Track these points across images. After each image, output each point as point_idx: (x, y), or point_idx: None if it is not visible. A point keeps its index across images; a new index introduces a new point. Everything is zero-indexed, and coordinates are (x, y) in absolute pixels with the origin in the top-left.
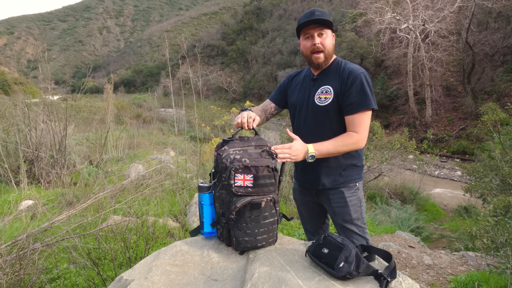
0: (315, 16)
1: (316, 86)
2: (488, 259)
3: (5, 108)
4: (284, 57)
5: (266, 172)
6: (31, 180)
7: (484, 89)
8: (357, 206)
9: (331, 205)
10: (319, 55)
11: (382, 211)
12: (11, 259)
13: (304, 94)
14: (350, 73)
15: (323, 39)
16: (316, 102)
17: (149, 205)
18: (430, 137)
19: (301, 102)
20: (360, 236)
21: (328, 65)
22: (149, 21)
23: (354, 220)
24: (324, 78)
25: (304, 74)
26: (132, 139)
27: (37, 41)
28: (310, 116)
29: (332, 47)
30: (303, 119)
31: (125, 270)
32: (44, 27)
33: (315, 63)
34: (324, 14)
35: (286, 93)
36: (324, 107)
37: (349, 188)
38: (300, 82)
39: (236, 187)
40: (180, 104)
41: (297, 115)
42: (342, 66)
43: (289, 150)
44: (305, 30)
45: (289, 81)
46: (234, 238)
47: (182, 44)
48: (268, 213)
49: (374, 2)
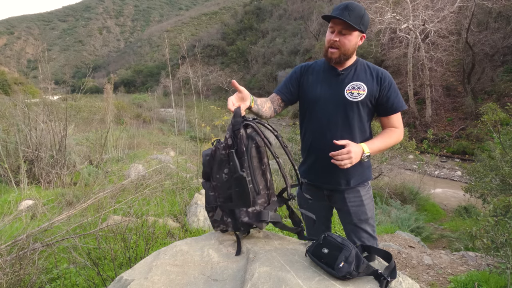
0: (345, 13)
1: (345, 81)
2: (488, 259)
3: (5, 108)
4: (284, 57)
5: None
6: (31, 180)
7: (484, 89)
8: (371, 205)
9: (346, 204)
10: (334, 50)
11: (382, 211)
12: (11, 259)
13: (329, 88)
14: (385, 76)
15: (344, 38)
16: (347, 97)
17: (149, 205)
18: (430, 137)
19: (326, 96)
20: (371, 237)
21: (349, 63)
22: (149, 21)
23: (369, 219)
24: (352, 74)
25: (319, 67)
26: (132, 139)
27: (37, 41)
28: (341, 110)
29: (352, 48)
30: (331, 113)
31: (125, 270)
32: (44, 27)
33: (328, 56)
34: (355, 14)
35: (298, 86)
36: (356, 102)
37: (364, 187)
38: (321, 77)
39: None
40: (180, 104)
41: (320, 109)
42: (370, 67)
43: (348, 155)
44: (332, 21)
45: (302, 74)
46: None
47: (182, 44)
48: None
49: (374, 2)
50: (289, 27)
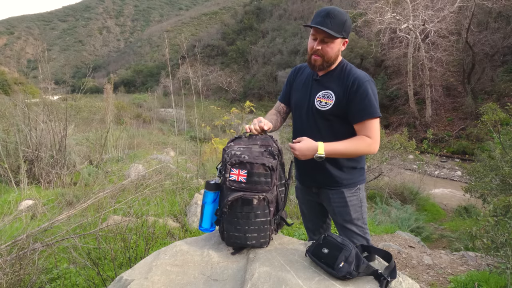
0: (326, 21)
1: (318, 88)
2: (488, 259)
3: (5, 108)
4: (284, 57)
5: (261, 170)
6: (31, 180)
7: (484, 89)
8: (357, 206)
9: (331, 204)
10: (317, 58)
11: (382, 211)
12: (11, 259)
13: (305, 94)
14: (355, 80)
15: (326, 46)
16: (316, 105)
17: (149, 205)
18: (430, 137)
19: (301, 103)
20: (360, 236)
21: (332, 68)
22: (149, 21)
23: (354, 220)
24: (327, 80)
25: (308, 71)
26: (132, 139)
27: (37, 41)
28: (311, 118)
29: (335, 55)
30: (303, 121)
31: (125, 270)
32: (44, 27)
33: (311, 64)
34: (337, 21)
35: (291, 89)
36: (324, 111)
37: (349, 189)
38: (303, 80)
39: (230, 181)
40: (180, 104)
41: (298, 116)
42: (346, 72)
43: (297, 152)
44: (314, 29)
45: (293, 76)
46: (225, 231)
47: (182, 44)
48: (260, 212)
49: (374, 2)
50: (289, 27)
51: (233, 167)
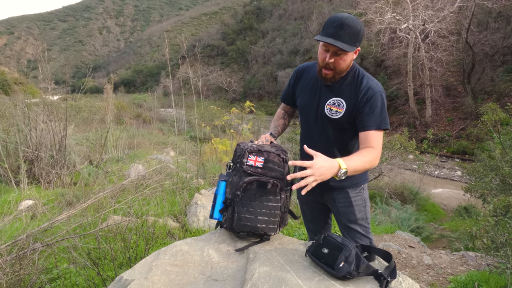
0: (341, 33)
1: (328, 95)
2: (488, 259)
3: (5, 108)
4: (284, 57)
5: (277, 160)
6: (31, 180)
7: (484, 89)
8: (362, 206)
9: (335, 204)
10: (328, 72)
11: (382, 211)
12: (11, 259)
13: (314, 99)
14: (367, 90)
15: (339, 59)
16: (326, 113)
17: (149, 205)
18: (430, 137)
19: (309, 108)
20: (364, 236)
21: (343, 74)
22: (149, 21)
23: (358, 220)
24: (338, 87)
25: (314, 72)
26: (132, 139)
27: (37, 41)
28: (319, 124)
29: (346, 66)
30: (310, 124)
31: (125, 270)
32: (44, 27)
33: (322, 76)
34: (352, 32)
35: (294, 90)
36: (334, 120)
37: (354, 189)
38: (311, 83)
39: (247, 166)
40: (180, 104)
41: (305, 118)
42: (359, 80)
43: (312, 171)
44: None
45: (297, 78)
46: (236, 214)
47: (182, 44)
48: (272, 196)
49: (374, 2)
50: (289, 27)
51: (251, 153)
